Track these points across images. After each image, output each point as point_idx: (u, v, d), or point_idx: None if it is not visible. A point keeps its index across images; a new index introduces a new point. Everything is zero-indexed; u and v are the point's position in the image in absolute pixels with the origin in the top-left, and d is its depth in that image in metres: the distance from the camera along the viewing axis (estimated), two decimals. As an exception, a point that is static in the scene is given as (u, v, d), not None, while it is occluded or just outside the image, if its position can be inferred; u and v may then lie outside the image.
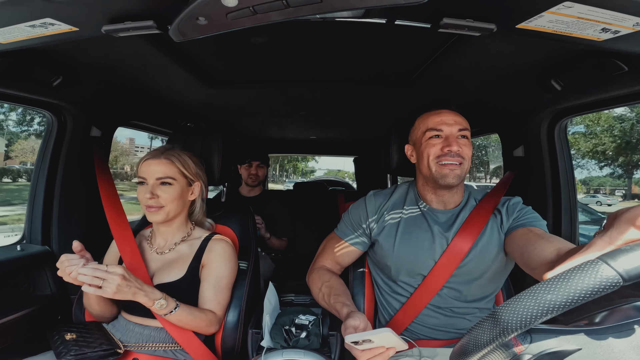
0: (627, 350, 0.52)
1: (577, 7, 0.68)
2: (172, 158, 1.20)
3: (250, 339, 1.20)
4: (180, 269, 1.21)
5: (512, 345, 0.57)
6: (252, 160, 2.56)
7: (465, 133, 1.16)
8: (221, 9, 0.67)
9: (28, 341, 1.37)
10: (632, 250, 0.47)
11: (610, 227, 0.55)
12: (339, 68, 1.46)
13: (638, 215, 0.52)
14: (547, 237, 0.95)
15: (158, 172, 1.18)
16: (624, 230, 0.53)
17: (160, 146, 1.28)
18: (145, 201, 1.17)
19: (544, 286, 0.49)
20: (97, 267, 0.95)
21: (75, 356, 1.01)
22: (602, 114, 19.47)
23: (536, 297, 0.49)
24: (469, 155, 1.15)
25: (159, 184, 1.18)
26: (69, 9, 0.75)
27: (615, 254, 0.47)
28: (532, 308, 0.48)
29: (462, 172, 1.14)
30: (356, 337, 0.87)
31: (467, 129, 1.17)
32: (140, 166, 1.21)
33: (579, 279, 0.47)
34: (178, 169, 1.21)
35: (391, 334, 0.84)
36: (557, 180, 1.54)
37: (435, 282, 1.15)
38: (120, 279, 0.95)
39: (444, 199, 1.21)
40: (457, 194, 1.22)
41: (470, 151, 1.16)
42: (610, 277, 0.45)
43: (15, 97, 1.31)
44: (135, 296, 1.00)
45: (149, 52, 1.19)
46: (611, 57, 1.00)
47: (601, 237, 0.55)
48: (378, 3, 0.65)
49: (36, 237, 1.57)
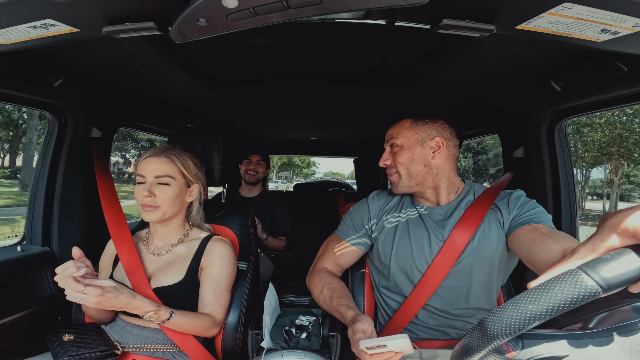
0: (619, 354, 0.53)
1: (576, 8, 0.68)
2: (172, 157, 1.20)
3: (250, 339, 1.20)
4: (178, 272, 1.19)
5: (504, 351, 0.57)
6: (252, 154, 2.53)
7: (392, 142, 1.25)
8: (221, 11, 0.67)
9: (27, 342, 1.37)
10: (612, 259, 0.47)
11: (595, 233, 0.55)
12: (339, 69, 1.47)
13: (620, 221, 0.51)
14: (554, 236, 0.94)
15: (157, 170, 1.17)
16: (606, 238, 0.52)
17: (162, 145, 1.27)
18: (141, 199, 1.15)
19: (525, 296, 0.50)
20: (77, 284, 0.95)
21: (72, 357, 1.01)
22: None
23: (519, 307, 0.49)
24: (401, 161, 1.22)
25: (157, 183, 1.17)
26: (69, 10, 0.75)
27: (595, 263, 0.48)
28: (515, 318, 0.49)
29: (400, 179, 1.23)
30: (372, 342, 0.86)
31: (393, 137, 1.25)
32: (139, 164, 1.20)
33: (559, 289, 0.47)
34: (178, 168, 1.20)
35: (407, 340, 0.83)
36: (557, 182, 1.54)
37: (433, 279, 1.14)
38: (97, 295, 0.96)
39: (428, 197, 1.24)
40: (442, 191, 1.23)
41: (401, 157, 1.22)
42: (589, 287, 0.46)
43: (16, 98, 1.31)
44: (126, 307, 1.01)
45: (149, 53, 1.19)
46: (611, 58, 1.01)
47: (585, 245, 0.55)
48: (378, 4, 0.66)
49: (36, 237, 1.57)
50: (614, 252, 0.49)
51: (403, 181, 1.22)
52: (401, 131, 1.23)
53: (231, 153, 1.55)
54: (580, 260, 0.53)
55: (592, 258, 0.51)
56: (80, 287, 0.95)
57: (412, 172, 1.21)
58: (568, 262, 0.54)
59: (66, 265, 0.96)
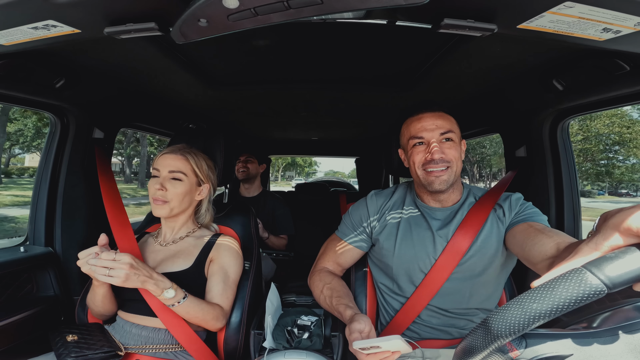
0: (623, 353, 0.52)
1: (578, 7, 0.68)
2: (187, 155, 1.26)
3: (252, 339, 1.20)
4: (186, 260, 1.22)
5: (508, 350, 0.57)
6: (241, 154, 2.55)
7: (449, 135, 1.14)
8: (222, 11, 0.67)
9: (30, 342, 1.38)
10: (617, 257, 0.47)
11: (597, 232, 0.55)
12: (340, 69, 1.47)
13: (623, 220, 0.51)
14: (547, 232, 0.95)
15: (172, 165, 1.23)
16: (608, 236, 0.52)
17: (181, 144, 1.33)
18: (153, 193, 1.21)
19: (530, 295, 0.50)
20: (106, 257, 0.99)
21: (75, 358, 1.01)
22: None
23: (523, 306, 0.49)
24: (456, 157, 1.14)
25: (169, 178, 1.22)
26: (71, 11, 0.75)
27: (600, 262, 0.48)
28: (520, 316, 0.49)
29: (449, 177, 1.13)
30: (365, 343, 0.87)
31: (450, 130, 1.14)
32: (157, 159, 1.26)
33: (564, 288, 0.47)
34: (191, 166, 1.25)
35: (400, 341, 0.84)
36: (560, 181, 1.53)
37: (435, 280, 1.14)
38: (128, 267, 0.99)
39: (439, 198, 1.22)
40: (454, 192, 1.22)
41: (456, 152, 1.14)
42: (594, 286, 0.46)
43: (18, 99, 1.31)
44: (144, 284, 1.02)
45: (150, 54, 1.20)
46: (613, 57, 1.00)
47: (587, 244, 0.55)
48: (379, 4, 0.66)
49: (39, 238, 1.58)
50: (619, 250, 0.49)
51: (450, 177, 1.14)
52: (453, 124, 1.16)
53: (233, 153, 1.55)
54: (583, 259, 0.53)
55: (596, 257, 0.51)
56: (112, 256, 0.99)
57: (458, 170, 1.16)
58: (571, 261, 0.54)
59: (90, 250, 1.01)
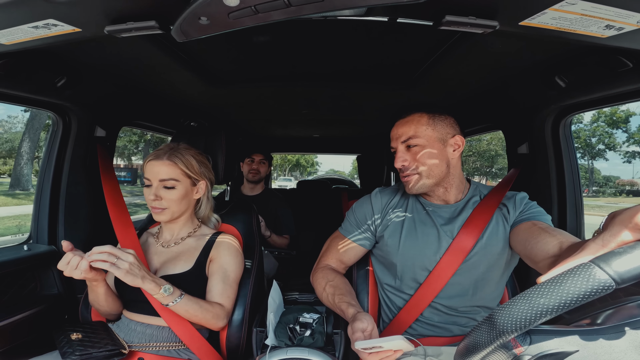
0: (628, 350, 0.52)
1: (580, 4, 0.68)
2: (174, 159, 1.20)
3: (254, 337, 1.20)
4: (187, 262, 1.22)
5: (512, 346, 0.57)
6: (255, 153, 2.53)
7: (410, 142, 1.14)
8: (223, 9, 0.67)
9: (34, 341, 1.39)
10: (625, 253, 0.47)
11: (604, 230, 0.55)
12: (341, 66, 1.46)
13: (631, 216, 0.51)
14: (551, 231, 0.95)
15: (161, 173, 1.18)
16: (616, 233, 0.52)
17: (165, 145, 1.28)
18: (150, 202, 1.19)
19: (537, 290, 0.50)
20: (111, 250, 0.98)
21: (80, 356, 1.01)
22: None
23: (530, 301, 0.49)
24: (424, 161, 1.14)
25: (162, 187, 1.19)
26: (71, 10, 0.75)
27: (608, 257, 0.47)
28: (526, 311, 0.49)
29: (420, 180, 1.15)
30: (367, 343, 0.86)
31: (412, 137, 1.14)
32: (145, 167, 1.22)
33: (572, 283, 0.47)
34: (181, 170, 1.20)
35: (402, 341, 0.84)
36: (562, 178, 1.53)
37: (439, 278, 1.14)
38: (133, 258, 1.00)
39: (437, 195, 1.22)
40: (452, 190, 1.21)
41: (427, 156, 1.14)
42: (603, 281, 0.45)
43: (19, 98, 1.32)
44: (143, 281, 1.01)
45: (151, 52, 1.20)
46: (615, 54, 1.00)
47: (594, 240, 0.55)
48: (380, 1, 0.65)
49: (43, 236, 1.59)
50: (627, 246, 0.49)
51: (423, 182, 1.15)
52: (419, 128, 1.14)
53: (234, 151, 1.56)
54: (591, 255, 0.53)
55: (604, 253, 0.51)
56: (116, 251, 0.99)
57: (435, 172, 1.15)
58: (578, 257, 0.54)
59: (67, 258, 0.97)
